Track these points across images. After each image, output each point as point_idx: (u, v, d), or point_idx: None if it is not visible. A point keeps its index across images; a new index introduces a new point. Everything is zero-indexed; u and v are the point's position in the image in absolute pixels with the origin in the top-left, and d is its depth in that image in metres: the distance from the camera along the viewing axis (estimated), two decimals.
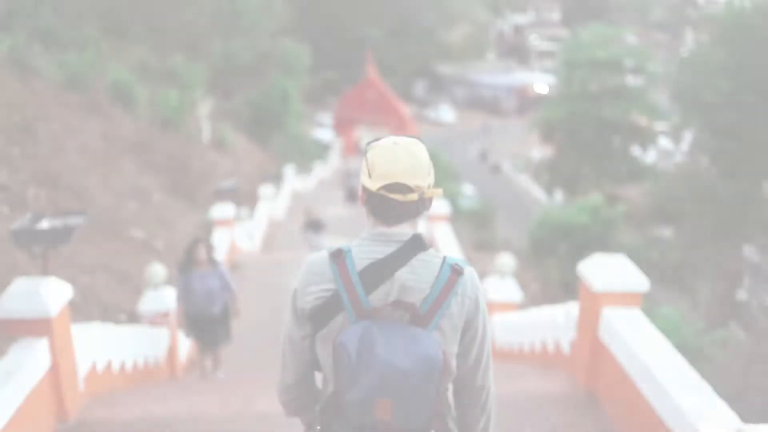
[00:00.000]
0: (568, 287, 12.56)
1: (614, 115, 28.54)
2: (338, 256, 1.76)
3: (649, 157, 33.09)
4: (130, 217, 10.74)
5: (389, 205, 1.74)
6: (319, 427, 1.87)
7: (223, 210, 12.53)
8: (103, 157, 12.01)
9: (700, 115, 22.96)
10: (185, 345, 7.89)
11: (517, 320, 6.78)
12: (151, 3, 25.61)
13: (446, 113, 58.46)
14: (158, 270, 7.05)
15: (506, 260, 7.64)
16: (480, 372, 1.87)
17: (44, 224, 4.40)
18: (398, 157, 1.73)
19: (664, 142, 33.48)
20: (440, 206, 12.87)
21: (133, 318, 7.60)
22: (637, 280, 4.31)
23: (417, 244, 1.77)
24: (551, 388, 4.85)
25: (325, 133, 46.58)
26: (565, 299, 9.94)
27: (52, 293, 4.08)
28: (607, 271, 4.35)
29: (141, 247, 10.08)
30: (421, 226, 10.81)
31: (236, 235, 13.12)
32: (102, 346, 5.19)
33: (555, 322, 5.52)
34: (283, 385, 1.93)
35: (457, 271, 1.77)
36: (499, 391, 4.89)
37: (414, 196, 1.73)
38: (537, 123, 31.89)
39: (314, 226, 12.53)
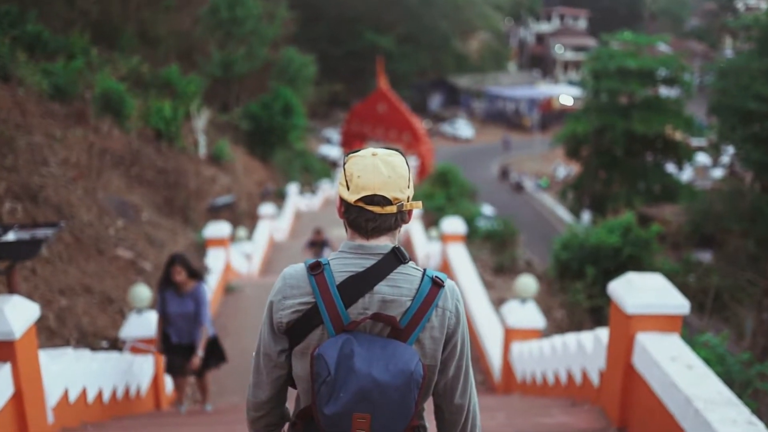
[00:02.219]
0: (596, 314, 12.32)
1: (646, 129, 28.36)
2: (316, 269, 1.84)
3: (685, 174, 32.84)
4: (116, 235, 10.65)
5: (367, 217, 1.83)
6: None
7: (217, 228, 12.42)
8: (88, 170, 11.97)
9: (740, 125, 22.71)
10: None
11: (540, 349, 6.56)
12: (144, 10, 25.89)
13: (464, 128, 58.49)
14: (142, 292, 6.89)
15: (527, 282, 7.44)
16: (459, 388, 1.95)
17: (10, 237, 4.28)
18: (377, 168, 1.82)
19: (701, 158, 33.23)
20: (455, 225, 12.71)
21: (115, 345, 7.46)
22: (676, 302, 4.13)
23: (397, 257, 1.86)
24: (578, 424, 4.65)
25: (331, 150, 46.71)
26: (593, 327, 9.71)
27: (16, 313, 3.95)
28: (642, 291, 4.16)
29: (127, 268, 9.97)
30: (435, 248, 10.64)
31: (232, 256, 13.00)
32: (76, 374, 5.03)
33: (582, 350, 5.32)
34: (256, 402, 1.98)
35: (437, 284, 1.86)
36: (521, 428, 4.70)
37: (393, 209, 1.83)
38: (562, 138, 31.82)
39: (317, 246, 12.41)
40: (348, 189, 1.83)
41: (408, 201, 1.86)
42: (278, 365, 1.91)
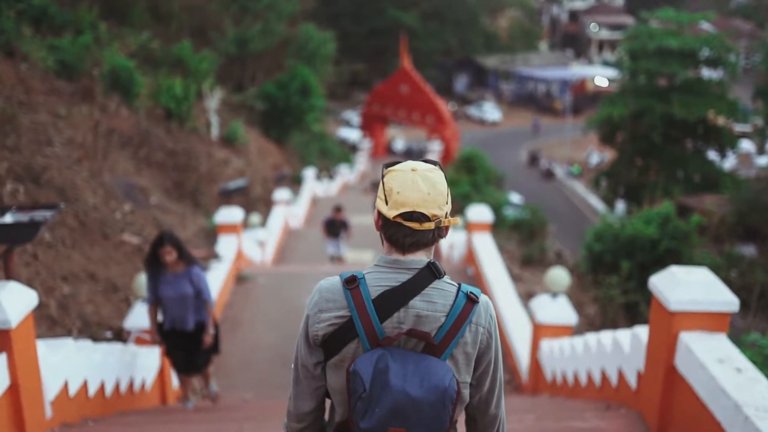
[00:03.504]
0: (631, 311, 12.12)
1: (687, 113, 27.97)
2: (352, 283, 1.94)
3: (728, 162, 32.40)
4: (123, 219, 10.65)
5: (405, 233, 1.93)
6: None
7: (229, 214, 12.38)
8: (94, 151, 11.97)
9: None
10: None
11: (572, 347, 6.43)
12: None
13: (491, 111, 58.19)
14: None
15: (558, 275, 7.29)
16: (494, 401, 2.07)
17: (7, 219, 4.22)
18: (416, 185, 1.90)
19: (746, 145, 32.75)
20: (481, 214, 12.57)
21: (120, 335, 7.45)
22: (725, 298, 3.98)
23: (432, 272, 1.96)
24: (614, 429, 4.54)
25: (351, 133, 46.68)
26: (628, 325, 9.53)
27: (13, 301, 3.92)
28: (687, 286, 4.02)
29: (134, 254, 9.96)
30: (459, 237, 10.53)
31: (244, 243, 12.97)
32: (76, 366, 5.00)
33: (619, 349, 5.18)
34: (299, 413, 2.07)
35: (472, 300, 1.96)
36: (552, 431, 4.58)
37: (431, 225, 1.93)
38: (596, 123, 31.52)
39: (335, 226, 12.44)
40: (386, 204, 1.92)
41: (446, 217, 1.95)
42: (316, 377, 2.02)
